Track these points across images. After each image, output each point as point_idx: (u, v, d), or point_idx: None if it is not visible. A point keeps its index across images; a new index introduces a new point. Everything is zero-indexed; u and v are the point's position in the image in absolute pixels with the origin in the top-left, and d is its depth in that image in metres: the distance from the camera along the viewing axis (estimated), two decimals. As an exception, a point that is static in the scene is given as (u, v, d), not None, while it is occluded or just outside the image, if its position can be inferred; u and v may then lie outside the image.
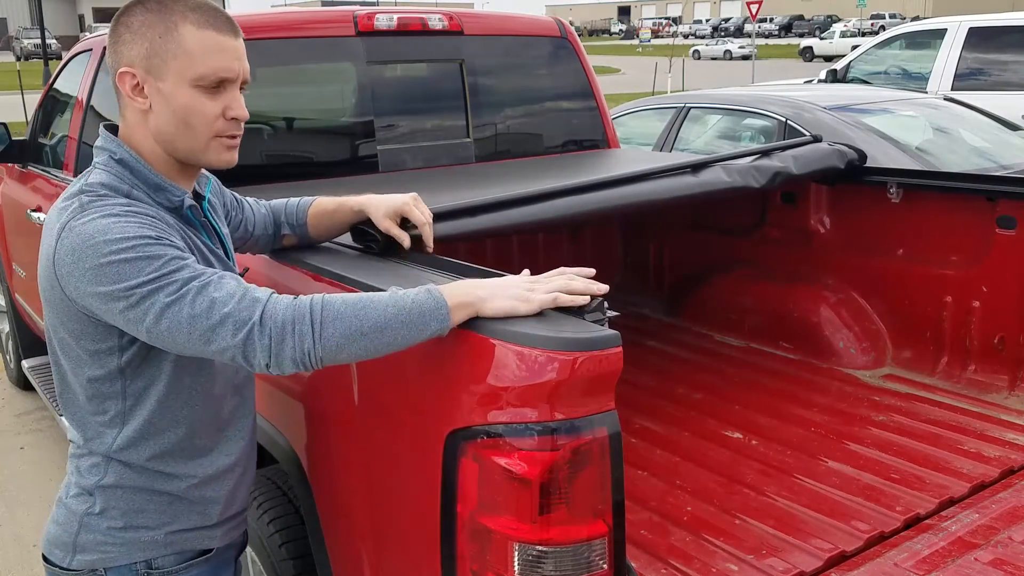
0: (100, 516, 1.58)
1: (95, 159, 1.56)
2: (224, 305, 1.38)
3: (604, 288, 1.49)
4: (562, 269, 1.52)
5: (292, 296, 1.43)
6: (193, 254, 1.52)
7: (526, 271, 1.56)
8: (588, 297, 1.46)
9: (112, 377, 1.53)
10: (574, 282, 1.49)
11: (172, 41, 1.48)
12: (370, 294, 1.44)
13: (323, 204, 1.99)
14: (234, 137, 1.56)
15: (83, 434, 1.59)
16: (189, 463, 1.62)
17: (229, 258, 1.70)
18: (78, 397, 1.57)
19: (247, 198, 1.98)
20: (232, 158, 1.58)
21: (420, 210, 1.91)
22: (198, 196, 1.68)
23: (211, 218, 1.68)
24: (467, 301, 1.43)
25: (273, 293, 1.43)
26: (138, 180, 1.52)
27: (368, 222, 2.01)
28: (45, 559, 1.64)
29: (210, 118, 1.51)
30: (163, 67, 1.49)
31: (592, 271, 1.53)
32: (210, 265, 1.57)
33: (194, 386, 1.59)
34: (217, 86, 1.51)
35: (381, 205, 1.91)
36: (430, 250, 1.93)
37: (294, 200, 2.01)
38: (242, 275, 1.68)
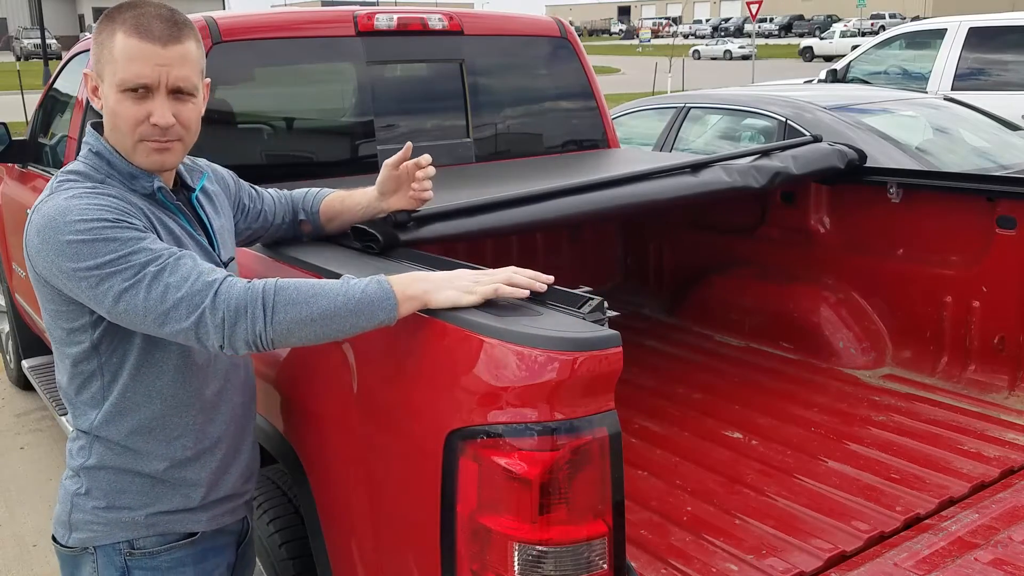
0: (86, 496, 1.66)
1: (80, 152, 1.65)
2: (177, 290, 1.44)
3: (550, 279, 1.55)
4: (511, 268, 1.58)
5: (247, 280, 1.48)
6: (158, 232, 1.57)
7: (480, 268, 1.61)
8: (528, 292, 1.52)
9: (88, 355, 1.60)
10: (517, 276, 1.54)
11: (107, 48, 1.57)
12: (323, 281, 1.50)
13: (338, 192, 2.10)
14: (162, 141, 1.59)
15: (73, 413, 1.67)
16: (169, 443, 1.66)
17: (214, 247, 1.74)
18: (65, 376, 1.65)
19: (269, 189, 2.06)
20: (160, 161, 1.61)
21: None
22: (188, 188, 1.74)
23: (198, 208, 1.74)
24: (414, 294, 1.50)
25: (228, 276, 1.48)
26: (113, 170, 1.60)
27: (368, 221, 2.03)
28: (53, 537, 1.72)
29: (132, 122, 1.57)
30: (103, 72, 1.59)
31: (548, 278, 1.57)
32: (181, 246, 1.62)
33: (165, 360, 1.63)
34: (139, 92, 1.56)
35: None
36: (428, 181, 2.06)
37: (313, 190, 2.11)
38: (227, 263, 1.76)
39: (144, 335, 1.58)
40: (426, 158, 2.04)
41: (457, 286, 1.51)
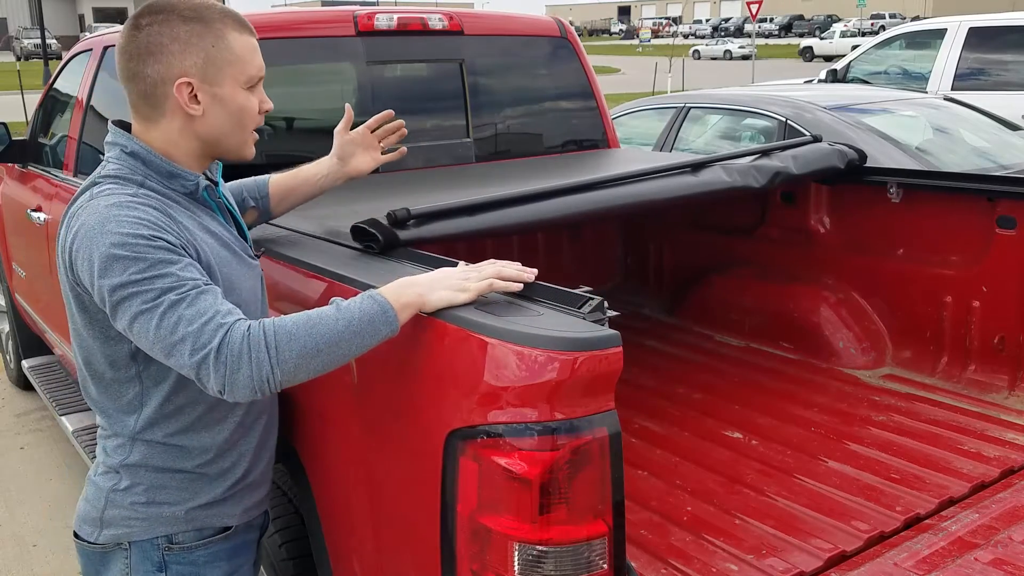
0: (125, 492, 1.65)
1: (107, 154, 1.62)
2: (189, 324, 1.42)
3: (534, 272, 1.57)
4: (491, 261, 1.60)
5: (245, 324, 1.44)
6: (196, 244, 1.54)
7: (462, 263, 1.63)
8: (522, 284, 1.54)
9: (126, 363, 1.59)
10: (506, 269, 1.56)
11: (225, 49, 1.58)
12: (317, 311, 1.47)
13: (284, 172, 2.14)
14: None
15: (106, 420, 1.66)
16: (213, 437, 1.66)
17: (244, 236, 1.76)
18: (97, 386, 1.63)
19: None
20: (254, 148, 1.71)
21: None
22: (211, 182, 1.73)
23: (226, 199, 1.75)
24: (410, 301, 1.50)
25: (238, 320, 1.45)
26: (151, 171, 1.59)
27: (368, 221, 2.03)
28: (76, 535, 1.70)
29: (255, 114, 1.65)
30: (219, 74, 1.58)
31: (532, 271, 1.60)
32: (225, 247, 1.63)
33: None
34: (256, 84, 1.65)
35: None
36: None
37: (251, 178, 2.12)
38: (259, 256, 1.78)
39: None
40: (388, 113, 2.14)
41: (449, 285, 1.51)
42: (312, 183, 2.13)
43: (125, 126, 1.64)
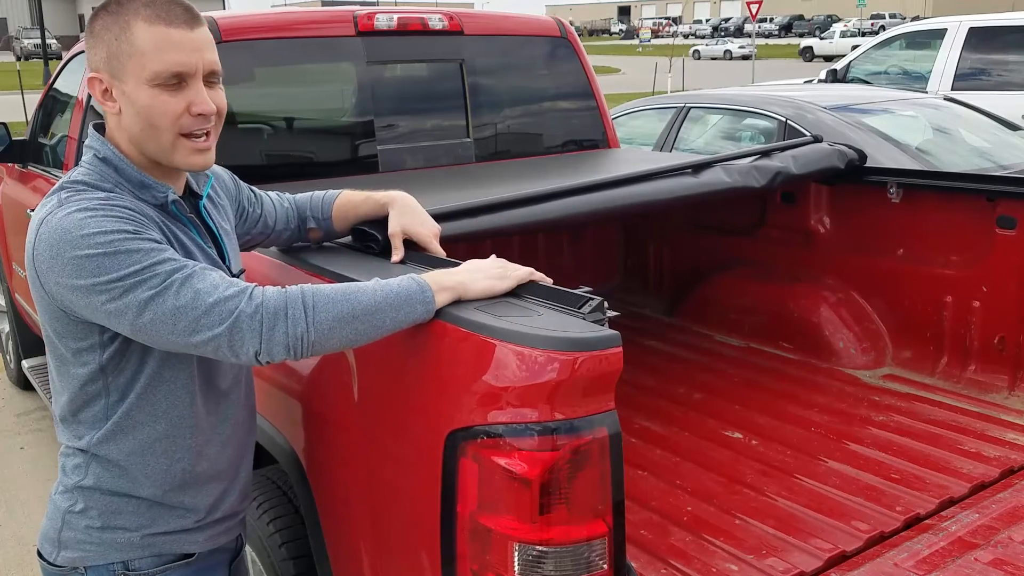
0: (80, 515, 1.59)
1: (83, 157, 1.56)
2: (209, 295, 1.38)
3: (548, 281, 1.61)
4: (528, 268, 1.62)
5: (279, 286, 1.44)
6: (174, 247, 1.50)
7: (492, 256, 1.64)
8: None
9: (95, 376, 1.52)
10: (536, 273, 1.59)
11: (126, 41, 1.46)
12: (354, 283, 1.47)
13: (349, 196, 1.99)
14: (203, 137, 1.52)
15: (68, 434, 1.60)
16: (169, 466, 1.60)
17: (225, 258, 1.68)
18: (65, 395, 1.57)
19: (269, 192, 1.97)
20: (204, 161, 1.54)
21: (434, 249, 1.89)
22: (195, 195, 1.66)
23: (207, 217, 1.67)
24: (449, 284, 1.51)
25: (257, 285, 1.44)
26: (122, 178, 1.51)
27: (370, 222, 2.02)
28: (39, 553, 1.66)
29: (173, 116, 1.47)
30: (122, 69, 1.46)
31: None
32: (194, 260, 1.54)
33: (174, 379, 1.57)
34: (176, 82, 1.47)
35: (404, 214, 1.91)
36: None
37: (319, 193, 2.01)
38: (238, 276, 1.68)
39: (157, 354, 1.52)
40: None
41: (490, 275, 1.53)
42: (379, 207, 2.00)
43: (104, 128, 1.57)
